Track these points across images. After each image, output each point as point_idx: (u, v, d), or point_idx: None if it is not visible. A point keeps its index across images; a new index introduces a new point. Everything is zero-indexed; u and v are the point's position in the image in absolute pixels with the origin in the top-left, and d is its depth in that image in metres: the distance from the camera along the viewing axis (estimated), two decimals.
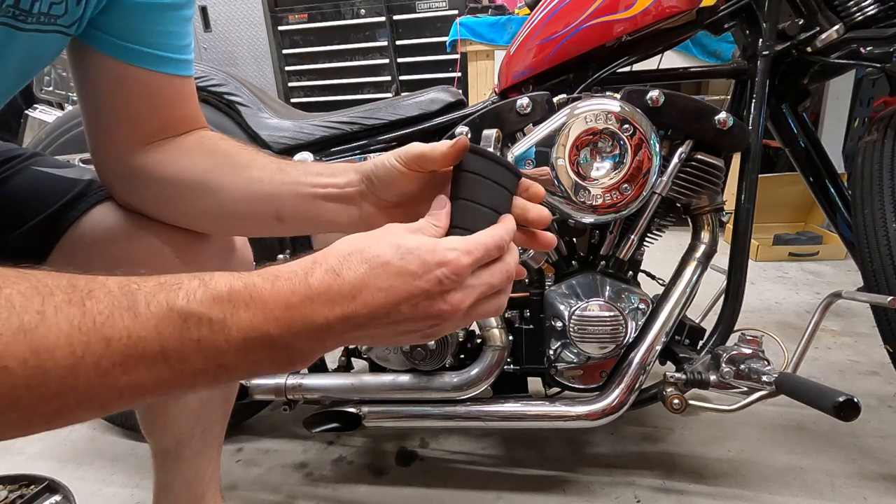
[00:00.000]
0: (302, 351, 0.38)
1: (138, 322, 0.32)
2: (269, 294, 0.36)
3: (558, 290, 0.97)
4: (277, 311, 0.36)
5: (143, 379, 0.33)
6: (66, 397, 0.31)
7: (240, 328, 0.35)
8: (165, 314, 0.33)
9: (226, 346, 0.35)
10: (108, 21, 0.55)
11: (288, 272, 0.38)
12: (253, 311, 0.36)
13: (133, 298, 0.33)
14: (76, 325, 0.31)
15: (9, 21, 0.47)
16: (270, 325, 0.36)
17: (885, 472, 1.03)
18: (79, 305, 0.31)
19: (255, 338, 0.36)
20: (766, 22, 0.92)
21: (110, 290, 0.33)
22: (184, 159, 0.60)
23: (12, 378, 0.29)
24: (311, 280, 0.37)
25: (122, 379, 0.32)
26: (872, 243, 0.92)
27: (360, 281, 0.38)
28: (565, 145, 0.84)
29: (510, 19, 2.38)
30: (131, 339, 0.32)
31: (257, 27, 3.48)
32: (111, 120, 0.60)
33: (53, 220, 0.62)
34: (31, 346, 0.29)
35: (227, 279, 0.36)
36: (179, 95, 0.62)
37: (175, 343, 0.33)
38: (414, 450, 1.17)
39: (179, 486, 0.79)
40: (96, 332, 0.31)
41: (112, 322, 0.32)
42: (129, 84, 0.57)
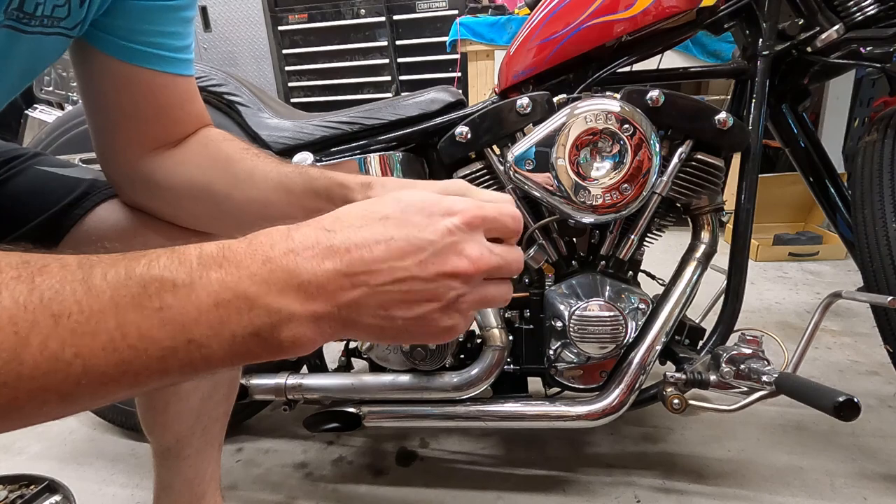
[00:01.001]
0: (288, 315, 0.31)
1: (91, 294, 0.28)
2: (245, 251, 0.31)
3: (558, 290, 0.97)
4: (254, 265, 0.31)
5: (100, 361, 0.28)
6: (14, 387, 0.26)
7: (209, 290, 0.29)
8: (123, 282, 0.28)
9: (194, 313, 0.29)
10: (111, 22, 0.55)
11: (267, 231, 0.33)
12: (225, 270, 0.30)
13: (89, 271, 0.28)
14: (21, 303, 0.26)
15: (13, 24, 0.47)
16: (246, 281, 0.30)
17: (885, 472, 1.03)
18: (28, 282, 0.27)
19: (228, 300, 0.30)
20: (766, 22, 0.92)
21: (66, 265, 0.28)
22: (189, 167, 0.61)
23: None
24: (295, 234, 0.32)
25: (75, 363, 0.27)
26: (872, 243, 0.92)
27: (354, 234, 0.32)
28: (565, 145, 0.84)
29: (510, 19, 2.38)
30: (83, 315, 0.27)
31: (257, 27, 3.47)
32: (116, 121, 0.60)
33: (57, 219, 0.62)
34: None
35: (198, 245, 0.31)
36: (183, 95, 0.62)
37: (133, 315, 0.28)
38: (414, 450, 1.17)
39: (180, 485, 0.79)
40: (43, 309, 0.27)
41: (62, 297, 0.27)
42: (133, 84, 0.58)
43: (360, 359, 1.08)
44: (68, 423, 1.34)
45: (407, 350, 0.96)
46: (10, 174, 0.64)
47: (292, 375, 1.04)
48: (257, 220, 0.59)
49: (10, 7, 0.46)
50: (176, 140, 0.62)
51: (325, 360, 1.10)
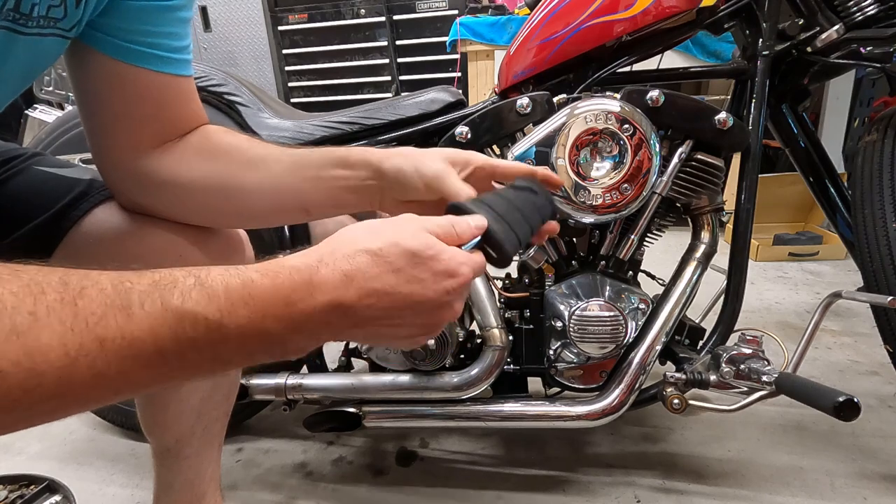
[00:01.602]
0: (298, 345, 0.38)
1: (132, 322, 0.32)
2: (269, 291, 0.36)
3: (558, 290, 0.97)
4: (277, 308, 0.36)
5: (139, 377, 0.33)
6: (63, 397, 0.31)
7: (238, 326, 0.35)
8: (160, 314, 0.33)
9: (222, 343, 0.35)
10: (108, 22, 0.55)
11: (289, 269, 0.37)
12: (251, 309, 0.35)
13: (127, 298, 0.32)
14: (69, 326, 0.30)
15: (9, 25, 0.47)
16: (269, 322, 0.36)
17: (885, 472, 1.03)
18: (71, 305, 0.30)
19: (252, 335, 0.35)
20: (766, 22, 0.92)
21: (103, 289, 0.32)
22: (193, 161, 0.60)
23: (7, 381, 0.28)
24: (316, 279, 0.37)
25: (117, 378, 0.32)
26: (872, 243, 0.92)
27: (368, 285, 0.38)
28: (565, 145, 0.84)
29: (510, 19, 2.38)
30: (125, 340, 0.32)
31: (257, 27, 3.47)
32: (112, 121, 0.60)
33: (56, 219, 0.62)
34: (25, 348, 0.29)
35: (223, 276, 0.35)
36: (181, 95, 0.62)
37: (171, 343, 0.33)
38: (414, 450, 1.17)
39: (180, 485, 0.79)
40: (89, 333, 0.31)
41: (105, 322, 0.31)
42: (130, 84, 0.58)
43: (360, 359, 1.08)
44: (68, 423, 1.34)
45: (407, 350, 0.96)
46: (10, 174, 0.64)
47: (292, 375, 1.04)
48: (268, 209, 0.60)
49: (6, 8, 0.46)
50: (173, 139, 0.62)
51: (325, 360, 1.10)
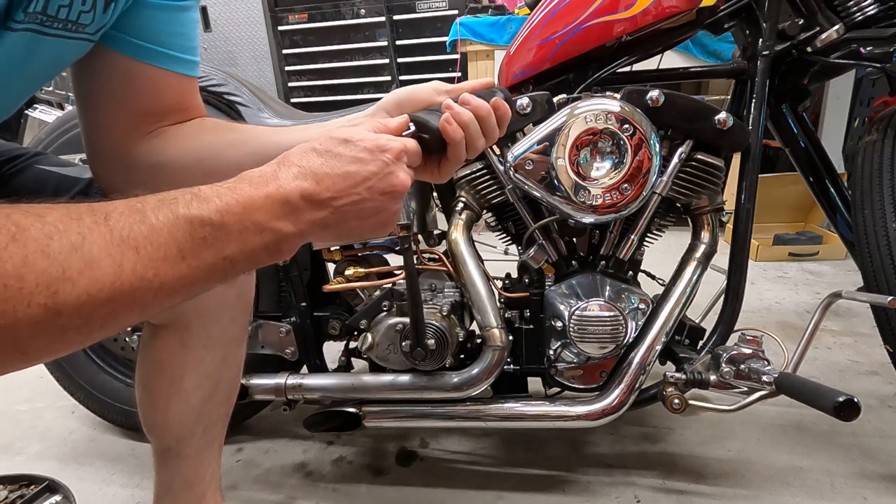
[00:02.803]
0: (285, 234, 0.45)
1: (153, 230, 0.38)
2: (249, 190, 0.43)
3: (558, 290, 0.97)
4: (259, 201, 0.43)
5: (170, 276, 0.39)
6: (117, 301, 0.37)
7: (235, 222, 0.42)
8: (173, 221, 0.39)
9: (226, 238, 0.42)
10: (123, 21, 0.57)
11: (258, 173, 0.45)
12: (241, 207, 0.42)
13: (143, 213, 0.39)
14: (108, 240, 0.36)
15: (35, 27, 0.48)
16: (257, 214, 0.43)
17: (885, 472, 1.03)
18: (104, 224, 0.37)
19: (247, 227, 0.43)
20: (766, 22, 0.92)
21: (122, 212, 0.38)
22: (186, 140, 0.62)
23: (76, 287, 0.34)
24: (281, 174, 0.45)
25: (154, 280, 0.38)
26: (872, 243, 0.92)
27: (318, 170, 0.46)
28: (565, 145, 0.84)
29: (510, 19, 2.38)
30: (153, 245, 0.38)
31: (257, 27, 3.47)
32: (114, 115, 0.61)
33: None
34: (84, 259, 0.35)
35: (213, 188, 0.43)
36: (185, 93, 0.64)
37: (188, 243, 0.40)
38: (414, 450, 1.17)
39: (180, 485, 0.79)
40: (125, 243, 0.37)
41: (134, 234, 0.37)
42: (137, 80, 0.59)
43: (360, 359, 1.08)
44: (68, 423, 1.34)
45: (407, 350, 0.96)
46: (12, 172, 0.65)
47: (292, 375, 1.04)
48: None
49: (34, 10, 0.47)
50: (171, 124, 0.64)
51: (325, 360, 1.10)
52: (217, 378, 0.78)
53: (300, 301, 1.06)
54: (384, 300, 1.01)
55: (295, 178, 0.45)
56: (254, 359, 1.05)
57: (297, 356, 1.08)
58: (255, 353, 1.08)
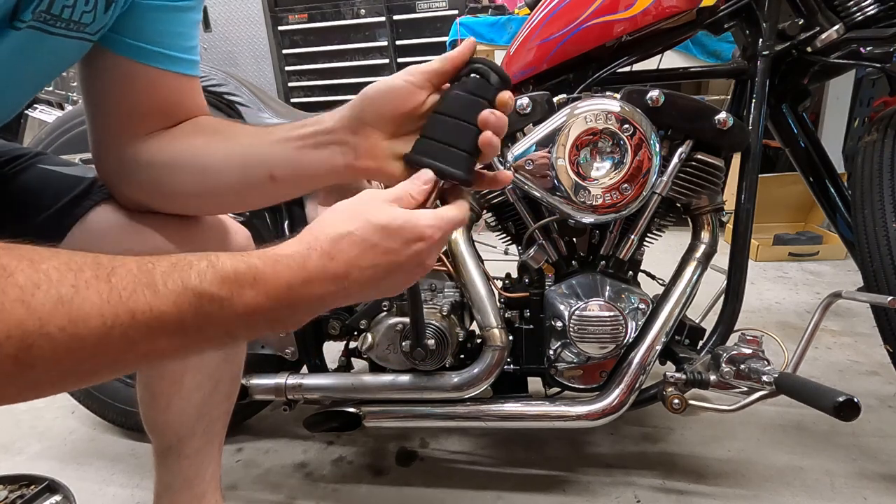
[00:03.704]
0: (296, 320, 0.45)
1: (158, 298, 0.36)
2: (271, 277, 0.41)
3: (558, 290, 0.97)
4: (279, 291, 0.42)
5: (164, 346, 0.38)
6: (98, 361, 0.35)
7: (245, 305, 0.40)
8: (181, 292, 0.37)
9: (234, 319, 0.40)
10: (122, 23, 0.56)
11: (286, 258, 0.43)
12: (257, 291, 0.41)
13: (151, 277, 0.37)
14: (105, 299, 0.34)
15: (39, 25, 0.48)
16: (272, 302, 0.41)
17: (885, 472, 1.03)
18: (105, 281, 0.35)
19: (258, 313, 0.41)
20: (766, 22, 0.92)
21: (130, 269, 0.36)
22: (176, 142, 0.62)
23: (53, 343, 0.32)
24: (309, 265, 0.43)
25: (145, 346, 0.37)
26: (872, 243, 0.92)
27: (351, 262, 0.44)
28: (565, 145, 0.84)
29: (510, 19, 2.39)
30: (153, 313, 0.36)
31: (257, 27, 3.47)
32: (115, 115, 0.61)
33: (59, 216, 0.63)
34: (69, 315, 0.33)
35: (232, 261, 0.41)
36: (185, 93, 0.63)
37: (191, 317, 0.38)
38: (414, 450, 1.17)
39: (180, 485, 0.79)
40: (122, 305, 0.35)
41: (136, 297, 0.36)
42: (137, 81, 0.59)
43: (360, 359, 1.08)
44: (68, 423, 1.34)
45: (407, 350, 0.96)
46: (14, 172, 0.65)
47: (292, 375, 1.04)
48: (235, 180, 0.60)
49: (39, 9, 0.47)
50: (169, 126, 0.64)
51: (325, 360, 1.10)
52: (217, 377, 0.78)
53: None
54: (384, 300, 1.01)
55: (324, 270, 0.43)
56: (254, 359, 1.05)
57: (297, 356, 1.08)
58: (255, 353, 1.08)
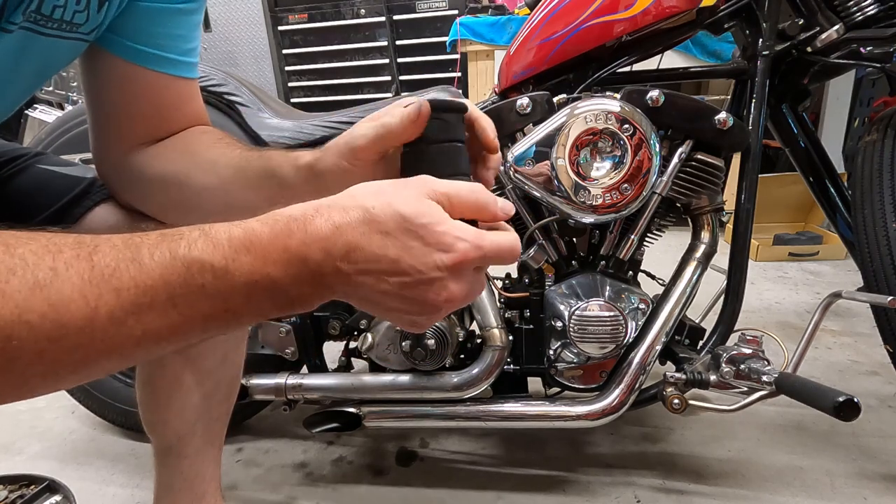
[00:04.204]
0: (300, 294, 0.38)
1: (143, 272, 0.33)
2: (268, 238, 0.37)
3: (558, 290, 0.97)
4: (276, 253, 0.36)
5: (157, 325, 0.34)
6: (87, 348, 0.32)
7: (241, 272, 0.36)
8: (169, 262, 0.34)
9: (230, 289, 0.36)
10: (120, 24, 0.56)
11: (287, 217, 0.38)
12: (253, 255, 0.36)
13: (137, 250, 0.34)
14: (86, 279, 0.32)
15: (30, 26, 0.48)
16: (270, 267, 0.36)
17: (885, 472, 1.03)
18: (87, 260, 0.32)
19: (257, 280, 0.36)
20: (766, 22, 0.92)
21: (115, 245, 0.34)
22: (164, 158, 0.61)
23: (34, 332, 0.30)
24: (310, 227, 0.37)
25: (136, 327, 0.33)
26: (872, 243, 0.92)
27: (355, 242, 0.37)
28: (565, 145, 0.84)
29: (510, 19, 2.38)
30: (139, 289, 0.33)
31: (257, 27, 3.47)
32: (113, 117, 0.61)
33: (59, 216, 0.63)
34: (48, 300, 0.30)
35: (226, 227, 0.37)
36: (182, 96, 0.63)
37: (181, 289, 0.34)
38: (414, 450, 1.17)
39: (180, 485, 0.79)
40: (106, 284, 0.32)
41: (119, 274, 0.33)
42: (134, 84, 0.59)
43: (360, 359, 1.08)
44: (68, 423, 1.34)
45: (407, 350, 0.96)
46: (13, 172, 0.65)
47: (292, 375, 1.04)
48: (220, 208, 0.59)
49: (29, 9, 0.46)
50: (164, 136, 0.63)
51: (325, 360, 1.10)
52: (217, 377, 0.78)
53: None
54: None
55: (326, 238, 0.37)
56: (254, 359, 1.05)
57: (297, 356, 1.08)
58: (255, 353, 1.08)
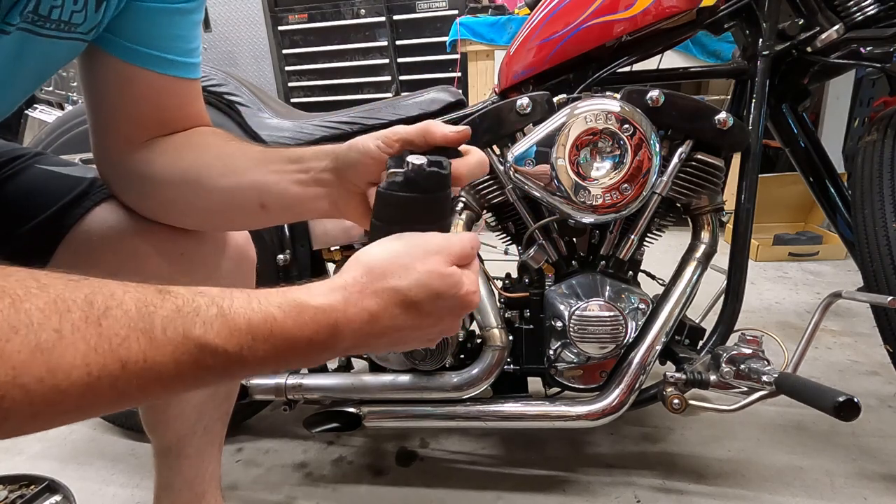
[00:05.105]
0: (309, 365, 0.41)
1: (154, 346, 0.33)
2: (292, 332, 0.37)
3: (558, 290, 0.97)
4: (299, 347, 0.37)
5: (157, 394, 0.34)
6: (84, 410, 0.32)
7: (256, 358, 0.36)
8: (181, 342, 0.33)
9: (240, 371, 0.36)
10: (119, 25, 0.56)
11: (314, 310, 0.38)
12: (271, 345, 0.36)
13: (150, 321, 0.33)
14: (93, 346, 0.31)
15: (28, 27, 0.48)
16: (288, 355, 0.37)
17: (885, 472, 1.03)
18: (95, 325, 0.31)
19: (269, 365, 0.37)
20: (766, 22, 0.92)
21: (127, 311, 0.32)
22: (171, 155, 0.61)
23: (29, 395, 0.29)
24: (342, 323, 0.38)
25: (137, 395, 0.33)
26: (872, 243, 0.92)
27: (391, 325, 0.40)
28: (565, 145, 0.84)
29: (510, 19, 2.38)
30: (147, 363, 0.32)
31: (257, 27, 3.47)
32: (114, 119, 0.60)
33: (58, 217, 0.62)
34: (48, 364, 0.29)
35: (245, 310, 0.36)
36: (184, 97, 0.62)
37: (190, 369, 0.34)
38: (414, 450, 1.17)
39: (180, 485, 0.79)
40: (112, 354, 0.31)
41: (128, 344, 0.32)
42: (134, 85, 0.58)
43: (360, 359, 1.08)
44: None
45: (407, 350, 0.96)
46: (12, 172, 0.64)
47: (292, 375, 1.04)
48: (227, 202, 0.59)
49: (26, 10, 0.46)
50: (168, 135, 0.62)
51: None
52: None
53: None
54: None
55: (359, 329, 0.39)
56: None
57: None
58: None
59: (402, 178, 0.44)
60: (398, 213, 0.45)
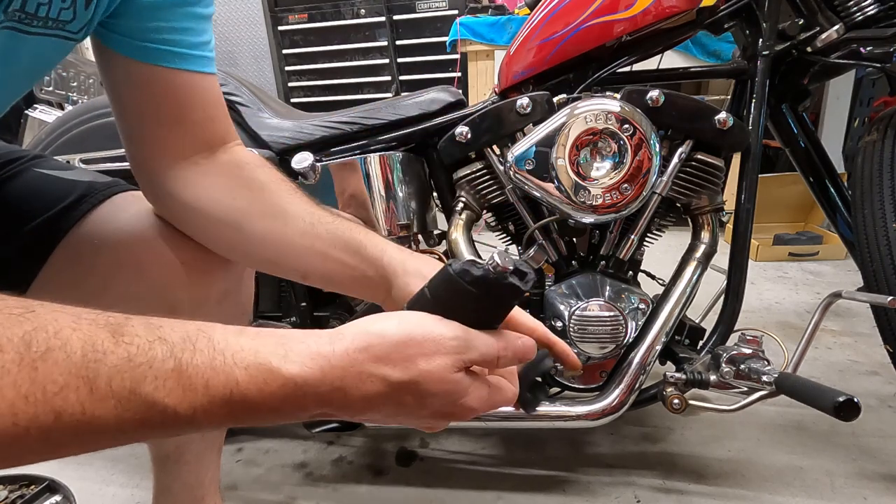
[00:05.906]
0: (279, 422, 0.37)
1: (95, 398, 0.29)
2: (255, 400, 0.33)
3: (558, 290, 0.97)
4: (261, 413, 0.34)
5: (95, 446, 0.31)
6: (9, 461, 0.29)
7: (210, 420, 0.33)
8: (127, 397, 0.30)
9: (191, 430, 0.33)
10: (122, 23, 0.55)
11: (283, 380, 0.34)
12: (230, 409, 0.33)
13: (95, 369, 0.29)
14: (23, 393, 0.27)
15: (14, 25, 0.47)
16: (248, 419, 0.34)
17: (885, 472, 1.03)
18: (29, 369, 0.27)
19: (227, 424, 0.34)
20: (766, 22, 0.92)
21: (70, 354, 0.29)
22: (218, 189, 0.59)
23: None
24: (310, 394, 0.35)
25: (74, 448, 0.30)
26: (872, 243, 0.92)
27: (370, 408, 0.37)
28: (565, 145, 0.84)
29: (510, 19, 2.38)
30: (86, 416, 0.29)
31: (257, 27, 3.47)
32: (139, 124, 0.59)
33: (55, 220, 0.61)
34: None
35: (206, 369, 0.32)
36: (204, 94, 0.60)
37: (135, 426, 0.31)
38: (414, 450, 1.17)
39: (179, 489, 0.79)
40: (45, 404, 0.28)
41: (65, 394, 0.28)
42: (151, 84, 0.57)
43: None
44: None
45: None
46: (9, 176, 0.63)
47: None
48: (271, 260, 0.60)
49: (12, 8, 0.45)
50: (204, 150, 0.60)
51: None
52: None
53: (300, 301, 1.06)
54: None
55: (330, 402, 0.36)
56: None
57: None
58: None
59: (479, 274, 0.41)
60: (452, 299, 0.42)
